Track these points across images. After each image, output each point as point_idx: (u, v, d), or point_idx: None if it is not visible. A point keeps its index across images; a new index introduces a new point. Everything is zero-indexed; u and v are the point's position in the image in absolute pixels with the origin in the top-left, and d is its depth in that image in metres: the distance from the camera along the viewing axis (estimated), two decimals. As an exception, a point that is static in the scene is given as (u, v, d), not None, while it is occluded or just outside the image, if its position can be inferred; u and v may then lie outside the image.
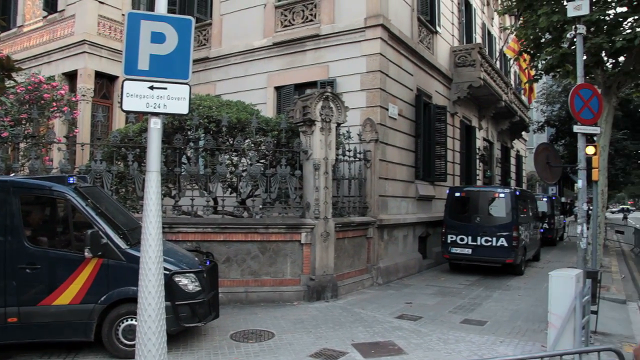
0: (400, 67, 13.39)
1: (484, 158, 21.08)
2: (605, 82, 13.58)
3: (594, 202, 10.61)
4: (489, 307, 9.93)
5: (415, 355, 6.68)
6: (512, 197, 13.60)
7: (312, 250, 9.83)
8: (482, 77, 17.07)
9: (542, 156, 9.51)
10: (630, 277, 14.91)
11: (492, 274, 13.63)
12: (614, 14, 12.49)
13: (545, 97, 29.16)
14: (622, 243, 24.90)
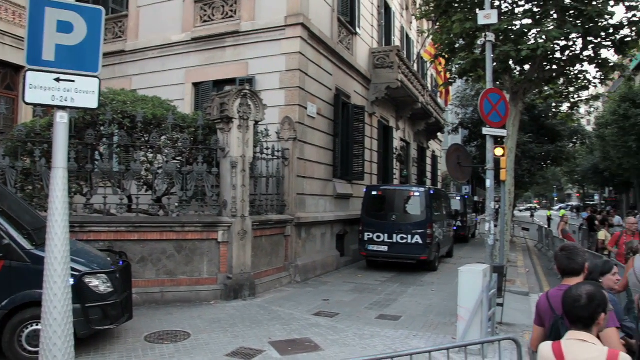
0: (319, 66, 13.51)
1: (401, 158, 21.66)
2: (513, 88, 14.30)
3: (501, 200, 11.15)
4: (403, 303, 10.21)
5: (332, 351, 6.76)
6: (427, 195, 14.05)
7: (229, 248, 9.72)
8: (400, 79, 17.53)
9: (454, 156, 9.91)
10: (534, 271, 15.81)
11: (407, 271, 14.02)
12: (520, 25, 13.19)
13: (460, 100, 30.30)
14: (527, 239, 26.32)
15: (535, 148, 24.02)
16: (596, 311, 2.59)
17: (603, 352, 2.49)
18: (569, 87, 16.27)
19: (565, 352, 2.56)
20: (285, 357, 6.49)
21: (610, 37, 13.09)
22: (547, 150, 25.07)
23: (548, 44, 12.14)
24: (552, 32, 11.96)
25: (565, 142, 27.61)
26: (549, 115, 25.15)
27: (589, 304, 2.59)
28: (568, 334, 2.66)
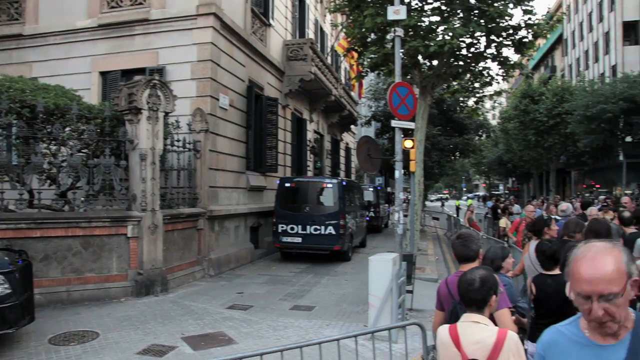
0: (232, 57, 13.36)
1: (315, 150, 21.87)
2: (422, 82, 14.83)
3: (411, 191, 11.54)
4: (317, 293, 10.35)
5: (245, 344, 6.76)
6: (339, 187, 14.29)
7: (139, 243, 9.46)
8: (313, 71, 17.66)
9: (364, 148, 10.14)
10: (443, 258, 16.47)
11: (321, 261, 14.22)
12: (429, 22, 13.69)
13: (372, 93, 30.94)
14: (438, 228, 27.36)
15: (444, 140, 25.03)
16: (488, 293, 2.76)
17: (494, 332, 2.66)
18: (475, 83, 17.07)
19: (461, 334, 2.70)
20: (199, 352, 6.43)
21: (510, 37, 13.89)
22: (455, 142, 26.19)
23: (454, 41, 12.68)
24: (458, 29, 12.50)
25: (471, 135, 28.93)
26: (456, 109, 26.23)
27: (482, 287, 2.75)
28: (463, 317, 2.81)
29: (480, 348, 2.62)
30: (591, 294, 1.74)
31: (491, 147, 53.08)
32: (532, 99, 37.59)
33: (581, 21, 51.50)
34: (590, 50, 48.91)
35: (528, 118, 36.88)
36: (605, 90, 30.45)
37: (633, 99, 28.09)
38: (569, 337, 1.94)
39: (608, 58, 44.15)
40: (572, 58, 54.51)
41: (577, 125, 31.41)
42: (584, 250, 1.83)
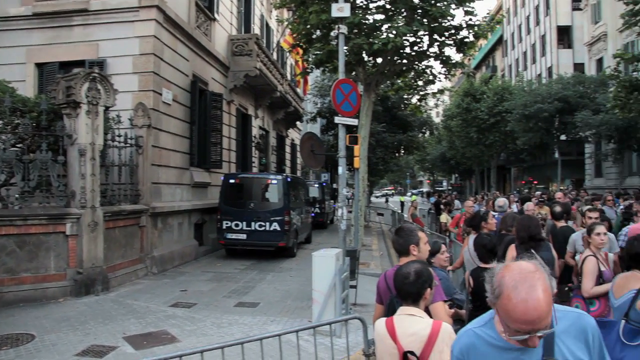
0: (175, 51, 13.13)
1: (260, 146, 21.77)
2: (366, 79, 14.99)
3: (355, 187, 11.66)
4: (262, 289, 10.34)
5: (189, 342, 6.69)
6: (284, 183, 14.28)
7: (78, 241, 9.18)
8: (259, 67, 17.57)
9: (307, 144, 10.15)
10: (387, 253, 16.71)
11: (266, 258, 14.18)
12: (373, 20, 13.85)
13: (318, 89, 31.05)
14: (382, 224, 27.71)
15: (388, 137, 25.39)
16: (423, 287, 2.83)
17: (429, 324, 2.74)
18: (418, 81, 17.39)
19: (397, 327, 2.78)
20: (141, 352, 6.31)
21: (452, 37, 14.23)
22: (400, 139, 26.61)
23: (398, 39, 12.88)
24: (402, 28, 12.70)
25: (415, 132, 29.45)
26: (401, 107, 26.64)
27: (417, 280, 2.82)
28: (399, 310, 2.88)
29: (416, 340, 2.69)
30: (530, 332, 1.74)
31: (435, 144, 54.22)
32: (474, 98, 38.60)
33: (520, 24, 53.28)
34: (528, 52, 50.66)
35: (470, 116, 37.85)
36: (541, 91, 31.61)
37: (567, 100, 29.30)
38: (486, 340, 1.96)
39: (544, 60, 45.85)
40: (511, 59, 56.31)
41: (516, 123, 32.46)
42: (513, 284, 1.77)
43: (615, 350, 3.46)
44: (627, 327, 3.51)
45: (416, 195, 49.38)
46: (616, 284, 3.89)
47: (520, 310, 1.72)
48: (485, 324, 2.01)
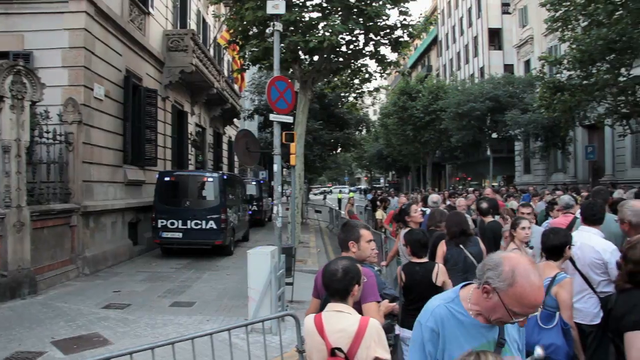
0: (108, 45, 12.74)
1: (196, 143, 21.43)
2: (302, 77, 15.02)
3: (292, 184, 11.68)
4: (198, 288, 10.21)
5: (121, 344, 6.52)
6: (221, 181, 14.12)
7: (3, 242, 8.75)
8: (195, 63, 17.28)
9: (242, 142, 10.08)
10: (325, 250, 16.84)
11: (203, 256, 14.00)
12: (310, 18, 13.89)
13: (255, 87, 30.83)
14: (320, 221, 27.89)
15: (326, 135, 25.50)
16: (350, 283, 2.84)
17: (356, 320, 2.76)
18: (354, 79, 17.59)
19: (325, 323, 2.79)
20: (70, 356, 6.12)
21: (387, 36, 14.46)
22: (337, 137, 26.78)
23: (334, 38, 12.98)
24: (338, 26, 12.81)
25: (352, 129, 29.71)
26: (338, 105, 26.83)
27: (344, 277, 2.83)
28: (327, 306, 2.90)
29: (343, 336, 2.71)
30: (529, 314, 1.97)
31: (372, 141, 54.97)
32: (409, 96, 39.38)
33: (453, 25, 54.81)
34: (461, 52, 52.20)
35: (406, 114, 38.61)
36: (474, 90, 32.64)
37: (497, 99, 30.41)
38: (455, 315, 2.10)
39: (477, 60, 47.37)
40: (446, 59, 57.84)
41: (450, 121, 33.38)
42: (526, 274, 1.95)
43: (534, 334, 3.76)
44: (543, 313, 3.78)
45: (354, 192, 49.99)
46: None
47: (535, 295, 1.94)
48: (452, 300, 2.15)
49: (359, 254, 3.73)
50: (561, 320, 3.78)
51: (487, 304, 2.02)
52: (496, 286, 1.96)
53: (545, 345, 3.67)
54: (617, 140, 25.54)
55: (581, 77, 19.58)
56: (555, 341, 3.71)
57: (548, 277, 3.91)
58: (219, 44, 23.30)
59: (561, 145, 28.11)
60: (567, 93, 19.91)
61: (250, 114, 30.66)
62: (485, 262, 2.05)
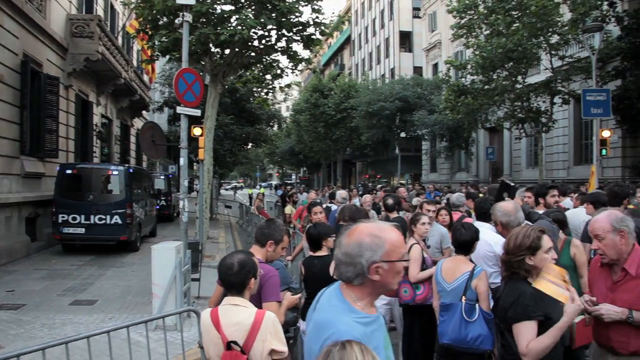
0: (2, 27, 11.94)
1: (102, 135, 20.54)
2: (213, 70, 14.78)
3: (200, 179, 11.49)
4: (101, 286, 9.84)
5: (14, 347, 6.16)
6: (126, 174, 13.62)
7: None
8: (101, 50, 16.53)
9: (148, 134, 9.80)
10: (234, 246, 16.71)
11: (107, 252, 13.48)
12: (222, 10, 13.70)
13: (165, 78, 30.00)
14: (230, 216, 27.63)
15: (236, 129, 25.22)
16: (246, 277, 2.87)
17: (252, 313, 2.80)
18: (266, 74, 17.55)
19: (221, 317, 2.81)
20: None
21: (300, 33, 14.55)
22: (248, 132, 26.58)
23: (245, 32, 12.88)
24: (250, 20, 12.72)
25: (263, 125, 29.62)
26: (249, 100, 26.65)
27: (240, 271, 2.86)
28: (224, 300, 2.92)
29: (239, 329, 2.74)
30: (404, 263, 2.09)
31: (284, 137, 55.12)
32: (322, 94, 39.86)
33: (367, 26, 55.99)
34: (373, 53, 53.44)
35: (318, 111, 39.05)
36: (384, 90, 33.60)
37: (406, 99, 31.50)
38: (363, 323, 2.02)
39: (388, 61, 48.69)
40: (358, 58, 58.97)
41: (360, 120, 34.15)
42: (384, 225, 2.07)
43: (462, 328, 3.95)
44: (466, 306, 3.99)
45: (265, 187, 49.99)
46: (445, 269, 4.28)
47: (400, 240, 2.07)
48: (352, 311, 2.02)
49: (271, 255, 3.76)
50: (482, 311, 3.97)
51: (379, 284, 2.01)
52: (379, 257, 1.96)
53: (474, 336, 3.90)
54: (514, 143, 27.20)
55: (483, 82, 20.69)
56: (482, 332, 3.90)
57: (466, 272, 4.12)
58: (127, 32, 22.44)
59: (464, 145, 29.54)
60: (470, 96, 20.97)
61: (160, 106, 29.81)
62: (350, 252, 1.98)
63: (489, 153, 28.36)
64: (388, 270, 1.98)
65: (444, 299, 4.19)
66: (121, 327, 3.93)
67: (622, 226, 3.12)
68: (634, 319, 3.02)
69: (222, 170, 33.09)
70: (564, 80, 19.62)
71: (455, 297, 4.09)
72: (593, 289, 3.37)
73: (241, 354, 2.72)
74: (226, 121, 23.54)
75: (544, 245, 3.03)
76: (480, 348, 3.91)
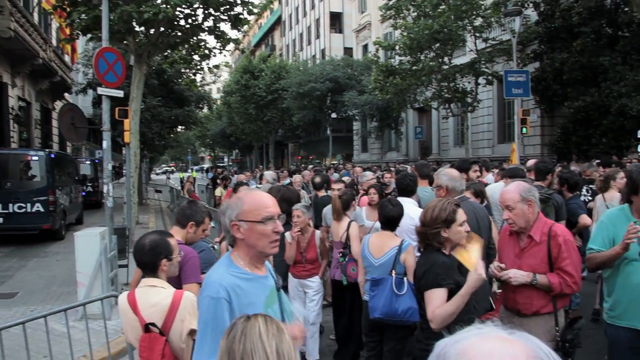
0: None
1: (20, 119, 19.48)
2: (137, 50, 14.25)
3: (127, 162, 11.13)
4: (22, 278, 9.43)
5: None
6: (47, 160, 12.99)
7: None
8: (13, 27, 15.51)
9: (67, 117, 9.40)
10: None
11: (29, 242, 12.87)
12: None
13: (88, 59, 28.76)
14: (161, 201, 27.02)
15: (165, 112, 24.51)
16: (158, 258, 2.81)
17: (170, 294, 2.76)
18: (193, 55, 17.15)
19: (138, 299, 2.76)
20: None
21: (227, 12, 14.27)
22: (176, 114, 25.91)
23: (170, 10, 12.49)
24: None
25: (193, 107, 28.96)
26: (178, 81, 25.97)
27: (150, 251, 2.81)
28: (142, 281, 2.86)
29: (157, 311, 2.70)
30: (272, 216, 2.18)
31: (215, 120, 54.24)
32: (252, 75, 39.42)
33: (297, 6, 55.61)
34: (304, 34, 53.25)
35: (249, 93, 38.62)
36: (315, 71, 33.62)
37: (337, 80, 31.68)
38: (239, 277, 2.15)
39: (319, 42, 48.68)
40: (289, 39, 58.59)
41: (291, 101, 34.09)
42: (249, 190, 2.15)
43: (392, 302, 4.06)
44: (396, 280, 4.10)
45: (197, 171, 49.19)
46: (372, 244, 4.35)
47: (262, 196, 2.25)
48: (230, 266, 2.18)
49: (192, 236, 3.69)
50: (410, 285, 4.05)
51: (247, 244, 2.17)
52: (236, 216, 2.14)
53: (404, 309, 4.00)
54: (441, 122, 27.96)
55: (411, 63, 21.08)
56: (411, 305, 3.99)
57: (395, 246, 4.21)
58: (44, 9, 21.25)
59: (394, 125, 30.10)
60: (399, 77, 21.33)
61: (84, 88, 28.55)
62: (221, 210, 2.22)
63: (417, 132, 29.01)
64: (249, 230, 2.14)
65: (373, 274, 4.25)
66: (37, 317, 3.78)
67: (529, 196, 3.33)
68: (538, 282, 3.25)
69: (151, 154, 32.21)
70: (488, 61, 20.31)
71: (384, 271, 4.17)
72: (502, 255, 3.57)
73: (160, 336, 2.67)
74: (154, 103, 22.80)
75: (459, 218, 3.12)
76: (409, 320, 4.02)
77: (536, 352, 0.86)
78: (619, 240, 3.33)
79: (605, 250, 3.43)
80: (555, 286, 3.22)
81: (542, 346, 0.87)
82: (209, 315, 2.06)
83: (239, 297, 2.07)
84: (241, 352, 1.50)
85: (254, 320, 1.56)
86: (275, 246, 2.18)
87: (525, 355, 0.84)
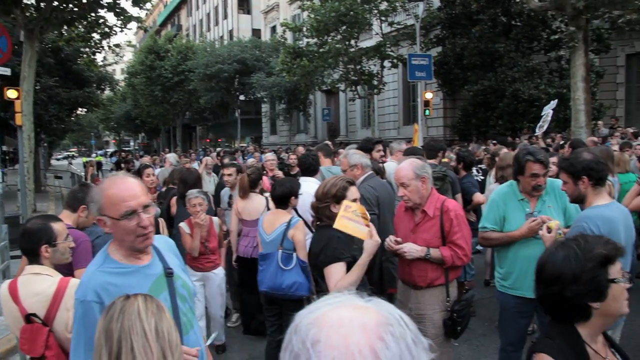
0: None
1: None
2: (27, 25, 13.29)
3: (19, 146, 10.52)
4: None
5: None
6: None
7: None
8: None
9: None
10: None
11: None
12: None
13: (-26, 34, 26.69)
14: (62, 187, 25.74)
15: (63, 93, 23.17)
16: (37, 244, 2.67)
17: (55, 282, 2.62)
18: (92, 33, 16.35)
19: (20, 288, 2.61)
20: None
21: (127, -13, 13.70)
22: (76, 95, 24.60)
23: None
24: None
25: (93, 88, 27.62)
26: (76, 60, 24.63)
27: (29, 237, 2.69)
28: (25, 269, 2.71)
29: (40, 300, 2.56)
30: (134, 208, 1.97)
31: (119, 102, 52.08)
32: (158, 55, 38.17)
33: (204, -15, 54.24)
34: (211, 14, 52.09)
35: (154, 74, 37.39)
36: (222, 52, 33.07)
37: (245, 62, 31.34)
38: (112, 273, 2.01)
39: (226, 23, 47.81)
40: (196, 19, 57.12)
41: (198, 82, 33.36)
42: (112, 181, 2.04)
43: (277, 276, 4.16)
44: (283, 255, 4.19)
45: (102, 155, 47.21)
46: (265, 221, 4.41)
47: (124, 189, 2.01)
48: (104, 262, 2.04)
49: (83, 221, 3.55)
50: (299, 260, 4.17)
51: (117, 238, 2.03)
52: (98, 210, 1.99)
53: (289, 284, 4.11)
54: (349, 104, 28.43)
55: (318, 45, 21.23)
56: (298, 279, 4.12)
57: (284, 223, 4.28)
58: None
59: (302, 107, 30.26)
60: (306, 59, 21.44)
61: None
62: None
63: (325, 114, 29.33)
64: (113, 225, 1.98)
65: (265, 250, 4.35)
66: None
67: (423, 173, 3.45)
68: (431, 256, 3.40)
69: (50, 138, 30.45)
70: (393, 45, 20.86)
71: (273, 247, 4.27)
72: (398, 231, 3.70)
73: (43, 326, 2.53)
74: (50, 84, 21.47)
75: (349, 196, 3.18)
76: (296, 294, 4.14)
77: (387, 318, 0.89)
78: (509, 217, 3.64)
79: (497, 227, 3.70)
80: (447, 259, 3.38)
81: (394, 312, 0.91)
82: (80, 320, 1.94)
83: (112, 294, 1.86)
84: (119, 331, 1.47)
85: (134, 299, 1.53)
86: (144, 240, 2.00)
87: (376, 322, 0.87)
